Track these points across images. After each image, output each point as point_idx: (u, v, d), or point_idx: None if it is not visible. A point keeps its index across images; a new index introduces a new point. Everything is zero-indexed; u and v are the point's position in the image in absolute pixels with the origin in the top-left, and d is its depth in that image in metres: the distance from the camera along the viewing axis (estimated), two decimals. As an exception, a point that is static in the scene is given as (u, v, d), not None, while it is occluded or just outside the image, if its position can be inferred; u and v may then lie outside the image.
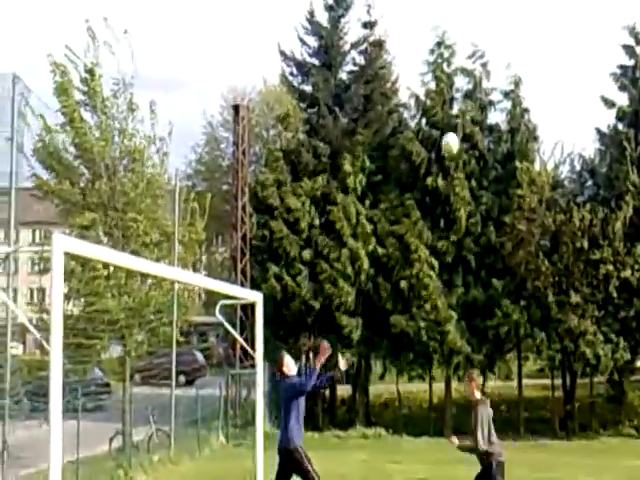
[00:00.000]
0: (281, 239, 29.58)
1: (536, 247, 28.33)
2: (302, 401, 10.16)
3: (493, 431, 9.48)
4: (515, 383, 30.49)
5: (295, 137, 32.80)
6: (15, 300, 21.72)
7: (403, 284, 28.49)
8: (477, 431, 9.28)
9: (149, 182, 21.25)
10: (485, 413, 9.50)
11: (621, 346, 27.57)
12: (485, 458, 9.39)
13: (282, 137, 34.77)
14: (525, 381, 30.87)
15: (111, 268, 19.75)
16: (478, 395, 9.69)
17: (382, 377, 31.04)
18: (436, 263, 28.71)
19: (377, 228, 29.65)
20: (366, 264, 29.06)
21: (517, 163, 29.30)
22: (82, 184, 21.15)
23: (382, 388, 33.09)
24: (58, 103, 19.97)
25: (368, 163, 30.54)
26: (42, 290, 47.42)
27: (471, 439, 9.35)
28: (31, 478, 13.30)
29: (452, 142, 9.98)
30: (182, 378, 32.25)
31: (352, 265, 29.09)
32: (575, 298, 27.50)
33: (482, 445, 9.24)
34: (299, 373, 10.98)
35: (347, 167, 30.11)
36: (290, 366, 10.59)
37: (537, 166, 30.21)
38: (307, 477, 10.13)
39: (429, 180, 29.59)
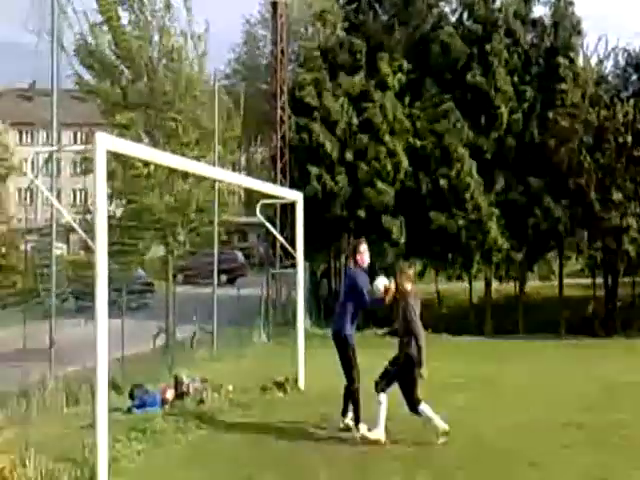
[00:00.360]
0: (320, 141, 29.33)
1: (579, 144, 27.79)
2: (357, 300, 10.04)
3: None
4: (555, 283, 30.41)
5: (334, 34, 32.13)
6: (59, 201, 21.90)
7: (442, 182, 28.25)
8: (417, 323, 9.59)
9: (188, 81, 21.24)
10: (417, 305, 9.76)
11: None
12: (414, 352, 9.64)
13: (320, 34, 34.11)
14: (566, 280, 30.79)
15: (152, 167, 19.85)
16: (409, 287, 9.81)
17: (422, 275, 31.09)
18: (475, 163, 28.34)
19: (416, 126, 29.25)
20: (405, 161, 28.79)
21: (560, 58, 28.49)
22: (122, 83, 21.20)
23: (421, 288, 33.21)
24: (95, 3, 19.83)
25: (406, 63, 29.89)
26: (84, 191, 47.85)
27: (410, 332, 9.61)
28: (78, 375, 13.65)
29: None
30: (223, 277, 32.59)
31: (391, 162, 28.84)
32: (617, 196, 27.08)
33: (421, 344, 9.57)
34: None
35: (384, 67, 29.55)
36: (364, 256, 10.19)
37: (580, 61, 29.40)
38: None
39: (469, 76, 28.94)
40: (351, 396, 10.10)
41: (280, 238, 17.65)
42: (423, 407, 9.54)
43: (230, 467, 8.68)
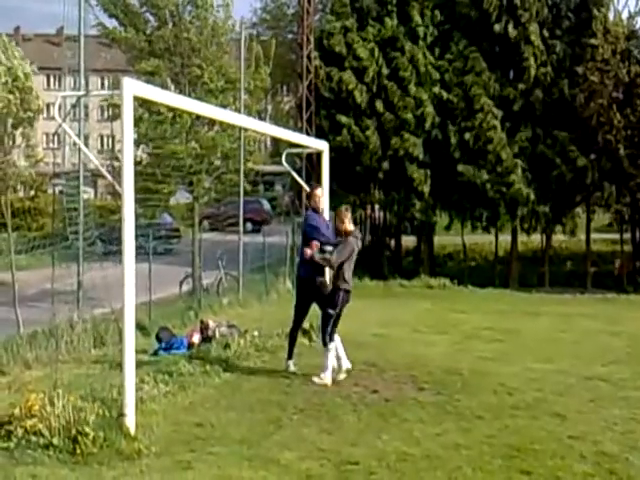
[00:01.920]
0: (349, 89, 29.07)
1: (609, 99, 27.35)
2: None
3: (352, 268, 10.19)
4: (582, 237, 30.19)
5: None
6: (86, 146, 21.94)
7: (467, 135, 27.98)
8: (341, 257, 9.95)
9: (214, 29, 21.13)
10: (355, 246, 10.12)
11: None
12: (333, 282, 10.21)
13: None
14: (593, 235, 30.56)
15: (177, 113, 19.81)
16: (351, 227, 10.27)
17: (448, 228, 30.99)
18: (500, 113, 27.99)
19: (444, 77, 28.91)
20: (432, 112, 28.50)
21: (591, 12, 27.94)
22: (147, 31, 21.13)
23: (447, 240, 33.15)
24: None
25: (437, 12, 29.44)
26: (112, 137, 47.91)
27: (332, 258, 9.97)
28: (106, 317, 13.80)
29: None
30: (249, 225, 32.63)
31: (418, 113, 28.57)
32: (647, 152, 26.73)
33: (334, 264, 9.98)
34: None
35: (416, 16, 29.14)
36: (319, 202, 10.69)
37: (611, 16, 28.84)
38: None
39: (498, 27, 28.46)
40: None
41: (306, 187, 17.60)
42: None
43: (257, 410, 8.75)
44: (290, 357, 10.74)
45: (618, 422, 8.44)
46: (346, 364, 10.34)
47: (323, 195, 10.99)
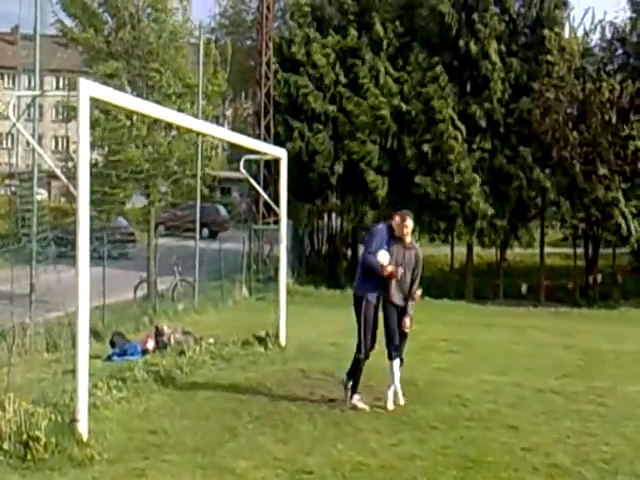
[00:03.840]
0: (306, 95, 29.14)
1: (564, 116, 27.76)
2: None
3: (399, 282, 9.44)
4: (537, 251, 30.55)
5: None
6: (41, 147, 21.63)
7: (426, 147, 28.17)
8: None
9: (172, 33, 21.11)
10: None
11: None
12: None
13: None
14: (547, 249, 30.95)
15: (134, 118, 19.68)
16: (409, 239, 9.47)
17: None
18: (463, 126, 28.24)
19: (404, 89, 29.09)
20: (390, 121, 28.66)
21: (546, 30, 28.39)
22: (106, 32, 21.02)
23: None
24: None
25: (397, 24, 29.64)
26: (66, 139, 47.37)
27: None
28: (59, 321, 13.59)
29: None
30: (206, 231, 32.50)
31: (376, 122, 28.72)
32: (602, 170, 27.13)
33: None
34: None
35: (378, 27, 29.30)
36: (403, 229, 9.29)
37: (567, 33, 29.30)
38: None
39: (461, 43, 28.76)
40: (352, 364, 9.48)
41: (263, 194, 17.56)
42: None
43: (212, 418, 8.68)
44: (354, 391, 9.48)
45: (570, 435, 8.51)
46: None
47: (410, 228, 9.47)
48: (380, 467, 7.23)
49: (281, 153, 14.24)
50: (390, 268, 9.11)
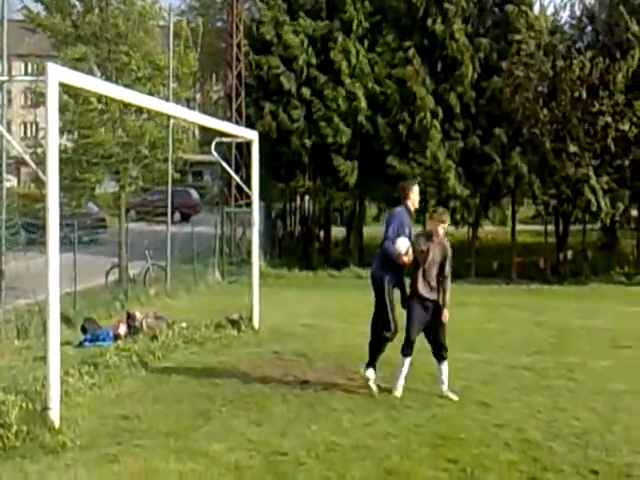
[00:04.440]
0: (277, 75, 28.99)
1: (534, 94, 27.85)
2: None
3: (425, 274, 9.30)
4: (508, 229, 30.72)
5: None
6: (9, 133, 21.40)
7: (402, 128, 28.15)
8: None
9: (141, 15, 20.89)
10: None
11: (619, 195, 27.62)
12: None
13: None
14: (519, 227, 31.15)
15: (105, 101, 19.50)
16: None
17: (377, 219, 31.17)
18: (439, 108, 28.25)
19: (374, 70, 29.01)
20: (364, 104, 28.59)
21: (512, 7, 28.43)
22: (74, 16, 20.78)
23: (376, 230, 33.32)
24: None
25: (367, 4, 29.52)
26: (35, 124, 46.89)
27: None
28: (30, 308, 13.50)
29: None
30: (177, 215, 32.33)
31: (349, 105, 28.64)
32: (572, 147, 27.27)
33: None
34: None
35: (349, 8, 29.17)
36: (415, 199, 9.30)
37: (536, 11, 29.36)
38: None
39: (429, 22, 28.72)
40: (375, 341, 9.30)
41: (235, 177, 17.50)
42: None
43: (185, 402, 8.67)
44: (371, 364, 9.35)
45: (542, 410, 8.61)
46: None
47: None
48: (354, 447, 7.27)
49: (253, 135, 14.19)
50: (407, 257, 8.95)
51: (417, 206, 9.46)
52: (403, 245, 8.96)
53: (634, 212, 29.77)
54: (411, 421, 8.09)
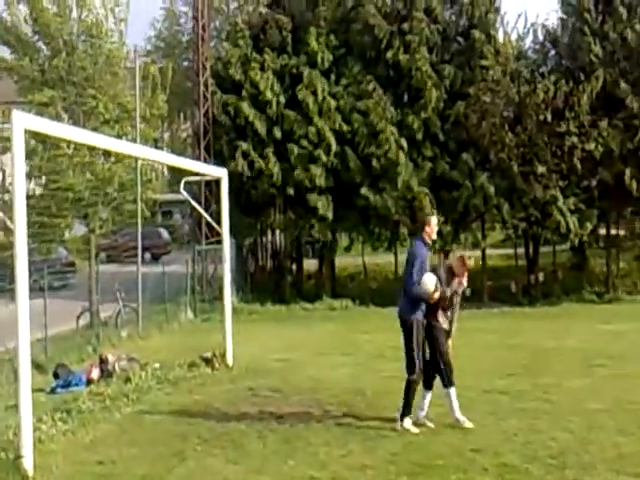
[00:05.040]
0: (249, 119, 29.00)
1: (500, 119, 28.16)
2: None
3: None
4: (478, 253, 30.84)
5: (256, 11, 31.79)
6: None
7: (374, 162, 28.24)
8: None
9: (108, 57, 21.02)
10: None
11: (587, 215, 27.89)
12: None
13: (243, 11, 33.74)
14: (490, 251, 31.31)
15: (72, 146, 19.51)
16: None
17: (348, 249, 31.21)
18: (404, 141, 28.44)
19: (340, 104, 29.19)
20: (332, 140, 28.70)
21: (478, 34, 28.85)
22: (40, 60, 20.88)
23: (348, 261, 33.40)
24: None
25: (334, 39, 29.79)
26: (2, 171, 46.56)
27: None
28: (0, 356, 13.36)
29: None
30: (148, 255, 32.21)
31: (319, 141, 28.72)
32: (540, 169, 27.57)
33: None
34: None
35: (313, 42, 29.38)
36: (433, 231, 9.36)
37: (500, 37, 29.80)
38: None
39: (390, 54, 29.02)
40: (406, 386, 9.12)
41: (205, 214, 17.53)
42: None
43: (160, 444, 8.59)
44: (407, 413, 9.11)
45: (518, 433, 8.64)
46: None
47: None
48: (331, 479, 7.25)
49: (221, 173, 14.22)
50: (437, 294, 9.00)
51: (435, 237, 9.54)
52: (431, 282, 8.98)
53: (602, 231, 30.06)
54: (387, 450, 8.08)
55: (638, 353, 14.32)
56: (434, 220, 9.46)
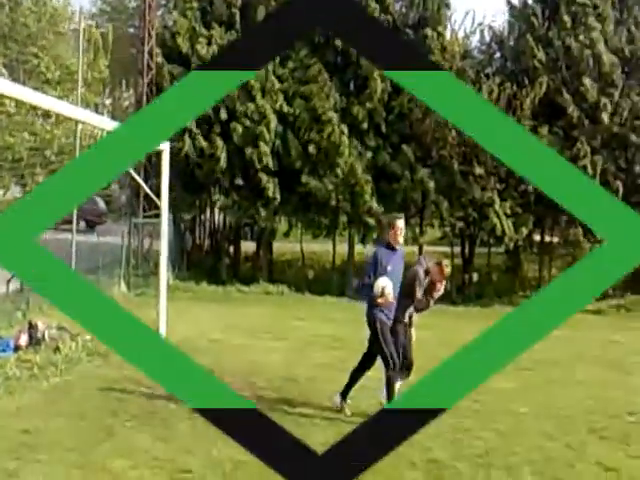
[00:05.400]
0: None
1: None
2: None
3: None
4: (415, 249, 31.08)
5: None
6: None
7: (312, 148, 28.14)
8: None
9: (52, 16, 20.57)
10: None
11: (523, 219, 28.32)
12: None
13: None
14: (426, 248, 31.56)
15: (12, 104, 19.02)
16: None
17: (287, 234, 31.15)
18: (346, 128, 28.41)
19: (284, 87, 29.02)
20: (274, 119, 28.51)
21: (428, 30, 28.99)
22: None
23: (286, 247, 33.36)
24: None
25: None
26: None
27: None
28: None
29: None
30: (82, 224, 31.63)
31: (260, 121, 28.52)
32: (478, 170, 27.88)
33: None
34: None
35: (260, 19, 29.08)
36: (398, 235, 9.38)
37: (448, 35, 29.97)
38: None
39: (338, 40, 28.93)
40: (386, 381, 9.36)
41: (144, 186, 17.23)
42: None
43: (88, 417, 8.45)
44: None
45: (447, 430, 8.71)
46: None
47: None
48: (260, 465, 7.14)
49: (163, 145, 13.98)
50: (382, 299, 9.07)
51: (401, 240, 9.47)
52: (377, 288, 9.05)
53: (537, 237, 30.59)
54: (317, 439, 8.04)
55: (566, 359, 14.62)
56: (400, 223, 9.46)
